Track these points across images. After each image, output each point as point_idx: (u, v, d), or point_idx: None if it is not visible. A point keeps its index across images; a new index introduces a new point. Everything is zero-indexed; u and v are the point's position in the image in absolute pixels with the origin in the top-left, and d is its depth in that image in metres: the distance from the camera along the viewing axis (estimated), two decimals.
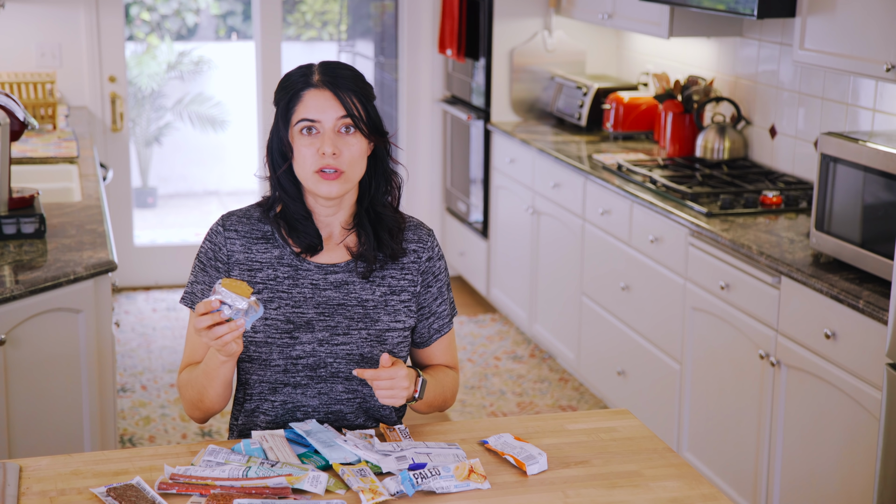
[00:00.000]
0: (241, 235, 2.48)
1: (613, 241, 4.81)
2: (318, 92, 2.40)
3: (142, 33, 9.59)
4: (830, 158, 3.61)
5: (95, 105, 6.38)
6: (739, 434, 3.96)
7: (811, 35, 3.91)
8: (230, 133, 9.60)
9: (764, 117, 4.84)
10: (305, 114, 2.39)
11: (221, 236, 2.48)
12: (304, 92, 2.41)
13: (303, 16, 10.02)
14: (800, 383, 3.63)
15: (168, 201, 9.65)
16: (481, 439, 2.44)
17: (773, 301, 3.72)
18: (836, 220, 3.58)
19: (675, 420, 4.37)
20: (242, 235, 2.48)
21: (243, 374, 2.50)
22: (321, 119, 2.39)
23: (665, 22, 4.90)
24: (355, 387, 2.47)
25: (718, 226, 4.05)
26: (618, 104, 5.60)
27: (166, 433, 4.80)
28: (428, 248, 2.54)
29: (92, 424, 3.58)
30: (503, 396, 5.25)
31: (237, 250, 2.47)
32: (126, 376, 5.39)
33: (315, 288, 2.46)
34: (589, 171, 4.95)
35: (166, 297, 6.56)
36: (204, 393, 2.43)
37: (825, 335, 3.46)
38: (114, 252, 3.62)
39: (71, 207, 4.11)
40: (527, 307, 5.79)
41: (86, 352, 3.52)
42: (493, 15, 6.08)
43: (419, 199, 6.89)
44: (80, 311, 3.48)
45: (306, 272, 2.47)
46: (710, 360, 4.12)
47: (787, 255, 3.71)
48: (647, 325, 4.57)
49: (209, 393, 2.42)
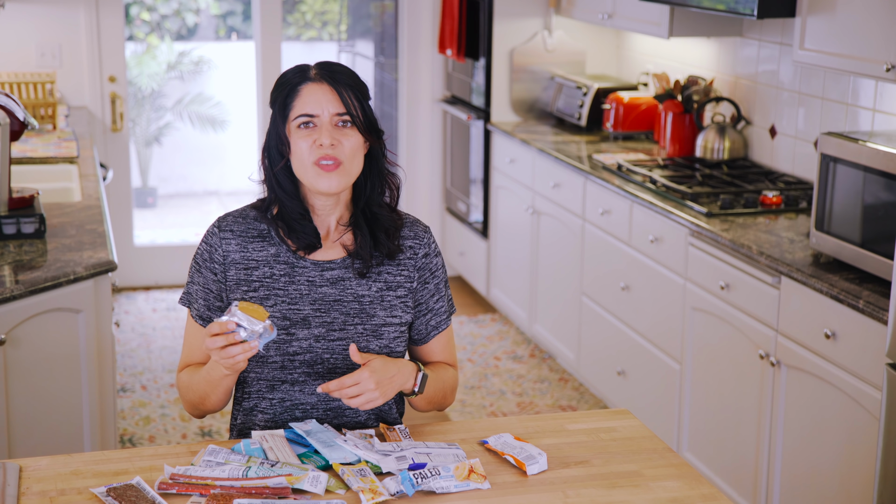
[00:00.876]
0: (237, 235, 2.49)
1: (613, 241, 4.81)
2: (316, 86, 2.41)
3: (142, 33, 9.59)
4: (830, 158, 3.61)
5: (95, 105, 6.38)
6: (739, 434, 3.96)
7: (811, 35, 3.91)
8: (230, 133, 9.60)
9: (764, 117, 4.84)
10: (303, 109, 2.41)
11: (217, 237, 2.49)
12: (302, 86, 2.42)
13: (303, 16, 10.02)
14: (800, 383, 3.62)
15: (168, 201, 9.65)
16: (481, 439, 2.44)
17: (773, 301, 3.72)
18: (836, 220, 3.58)
19: (675, 420, 4.36)
20: (238, 235, 2.49)
21: (241, 372, 2.50)
22: (318, 113, 2.40)
23: (665, 22, 4.90)
24: None
25: (718, 226, 4.05)
26: (618, 104, 5.60)
27: (166, 433, 4.80)
28: (424, 245, 2.55)
29: (92, 424, 3.58)
30: (503, 396, 5.25)
31: (233, 250, 2.48)
32: (126, 376, 5.39)
33: (311, 285, 2.47)
34: (589, 171, 4.95)
35: (166, 296, 6.56)
36: (206, 398, 2.46)
37: (825, 335, 3.46)
38: (114, 252, 3.62)
39: (71, 207, 4.11)
40: (527, 307, 5.79)
41: (86, 352, 3.52)
42: (493, 15, 6.08)
43: (419, 199, 6.89)
44: (80, 311, 3.48)
45: (302, 269, 2.47)
46: (710, 360, 4.12)
47: (787, 255, 3.71)
48: (647, 325, 4.57)
49: (211, 398, 2.45)
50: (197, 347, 2.51)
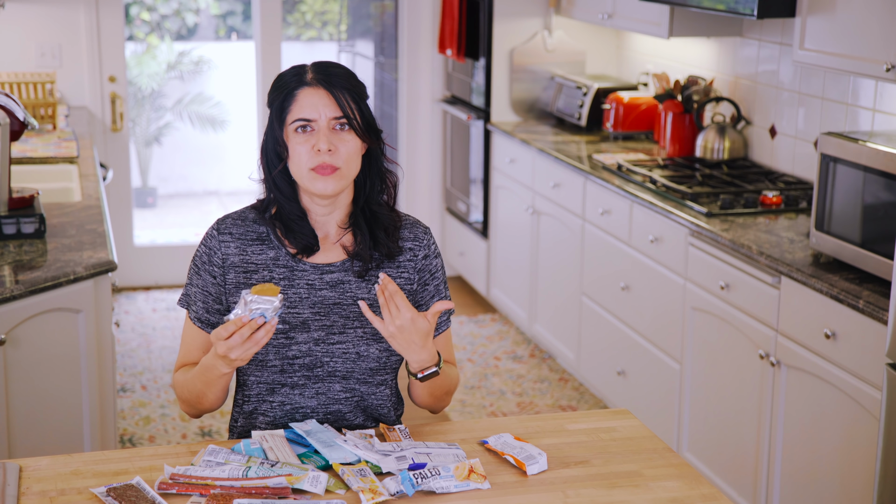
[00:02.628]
0: (236, 238, 2.49)
1: (613, 240, 4.81)
2: (313, 90, 2.41)
3: (142, 33, 9.59)
4: (830, 158, 3.61)
5: (95, 105, 6.38)
6: (739, 434, 3.96)
7: (811, 35, 3.91)
8: (230, 133, 9.60)
9: (764, 117, 4.84)
10: (300, 113, 2.40)
11: (216, 240, 2.49)
12: (299, 91, 2.42)
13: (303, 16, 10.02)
14: (800, 383, 3.63)
15: (168, 201, 9.65)
16: (481, 439, 2.44)
17: (772, 301, 3.72)
18: (836, 220, 3.58)
19: (674, 420, 4.37)
20: (237, 238, 2.49)
21: (241, 375, 2.51)
22: (316, 118, 2.40)
23: (665, 22, 4.90)
24: (353, 385, 2.48)
25: (718, 226, 4.05)
26: (618, 104, 5.60)
27: (166, 433, 4.80)
28: (424, 246, 2.55)
29: (92, 424, 3.58)
30: (503, 396, 5.25)
31: (232, 253, 2.48)
32: (126, 376, 5.39)
33: (311, 288, 2.46)
34: (589, 171, 4.95)
35: (166, 297, 6.56)
36: (203, 397, 2.45)
37: (825, 335, 3.46)
38: (114, 252, 3.62)
39: (71, 207, 4.11)
40: (527, 307, 5.79)
41: (86, 352, 3.52)
42: (493, 15, 6.08)
43: (419, 199, 6.89)
44: (80, 311, 3.48)
45: (302, 273, 2.47)
46: (710, 360, 4.12)
47: (786, 255, 3.71)
48: (647, 325, 4.57)
49: (208, 397, 2.45)
50: (195, 349, 2.51)
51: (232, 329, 2.24)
